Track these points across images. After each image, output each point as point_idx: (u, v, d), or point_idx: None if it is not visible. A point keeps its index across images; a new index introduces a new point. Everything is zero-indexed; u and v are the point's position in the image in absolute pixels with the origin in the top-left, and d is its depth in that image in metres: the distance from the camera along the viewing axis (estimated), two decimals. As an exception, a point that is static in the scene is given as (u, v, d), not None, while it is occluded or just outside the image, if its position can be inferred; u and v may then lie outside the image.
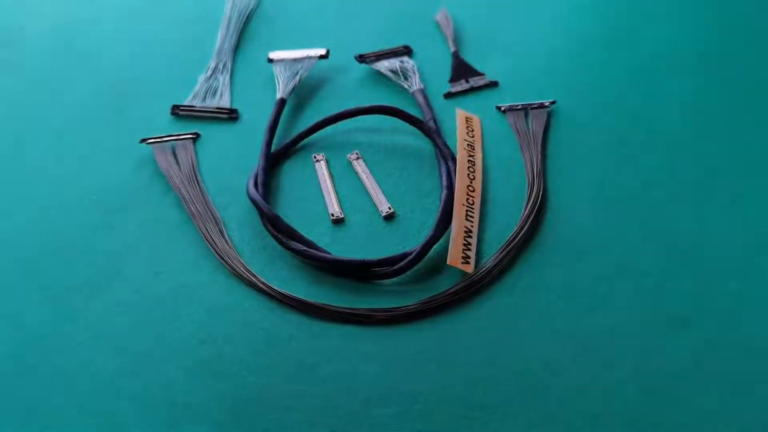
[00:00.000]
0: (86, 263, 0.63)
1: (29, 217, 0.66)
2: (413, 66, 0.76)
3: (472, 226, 0.63)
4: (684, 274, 0.60)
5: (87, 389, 0.56)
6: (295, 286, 0.61)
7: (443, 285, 0.61)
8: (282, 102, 0.73)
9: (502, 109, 0.73)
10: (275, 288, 0.60)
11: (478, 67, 0.77)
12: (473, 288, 0.60)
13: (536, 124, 0.71)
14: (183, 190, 0.67)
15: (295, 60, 0.76)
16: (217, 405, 0.55)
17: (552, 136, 0.71)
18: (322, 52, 0.77)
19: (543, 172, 0.68)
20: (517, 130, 0.71)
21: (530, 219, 0.64)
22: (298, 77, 0.75)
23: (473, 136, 0.70)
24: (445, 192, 0.65)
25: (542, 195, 0.66)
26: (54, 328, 0.59)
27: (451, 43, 0.79)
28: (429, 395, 0.55)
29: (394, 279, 0.62)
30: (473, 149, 0.69)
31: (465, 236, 0.62)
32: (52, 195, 0.67)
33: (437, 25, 0.81)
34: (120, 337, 0.58)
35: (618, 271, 0.61)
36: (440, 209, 0.63)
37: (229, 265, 0.62)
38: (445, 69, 0.77)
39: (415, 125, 0.70)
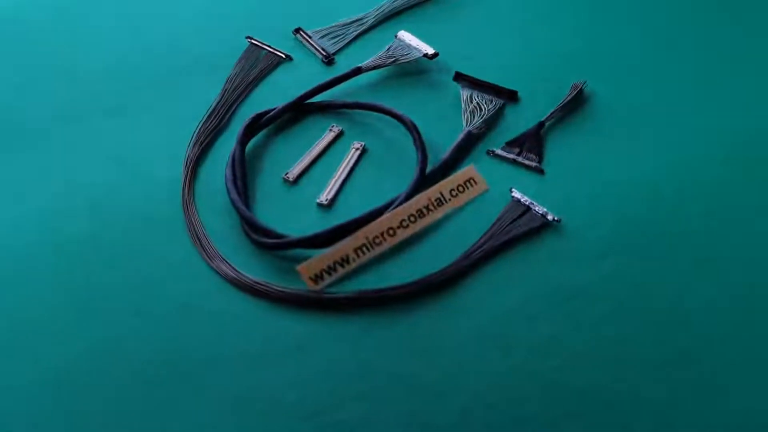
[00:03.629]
0: (119, 96, 0.76)
1: (126, 47, 0.81)
2: (490, 109, 0.73)
3: (354, 260, 0.62)
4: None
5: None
6: (207, 209, 0.67)
7: (301, 284, 0.62)
8: (357, 70, 0.76)
9: (512, 193, 0.67)
10: (194, 203, 0.67)
11: (551, 149, 0.70)
12: (299, 301, 0.61)
13: (522, 224, 0.65)
14: (228, 87, 0.76)
15: (409, 46, 0.78)
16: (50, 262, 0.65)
17: (526, 246, 0.64)
18: (431, 51, 0.77)
19: (474, 264, 0.62)
20: (501, 218, 0.65)
21: (410, 290, 0.61)
22: (393, 59, 0.77)
23: (455, 196, 0.66)
24: (365, 215, 0.64)
25: (447, 279, 0.62)
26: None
27: (550, 113, 0.73)
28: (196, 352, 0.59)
29: (283, 253, 0.64)
30: (440, 206, 0.65)
31: (338, 262, 0.62)
32: (153, 41, 0.81)
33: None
34: (71, 166, 0.71)
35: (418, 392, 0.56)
36: (338, 225, 0.63)
37: (186, 156, 0.70)
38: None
39: (417, 152, 0.69)
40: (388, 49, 0.78)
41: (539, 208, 0.65)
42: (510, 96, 0.75)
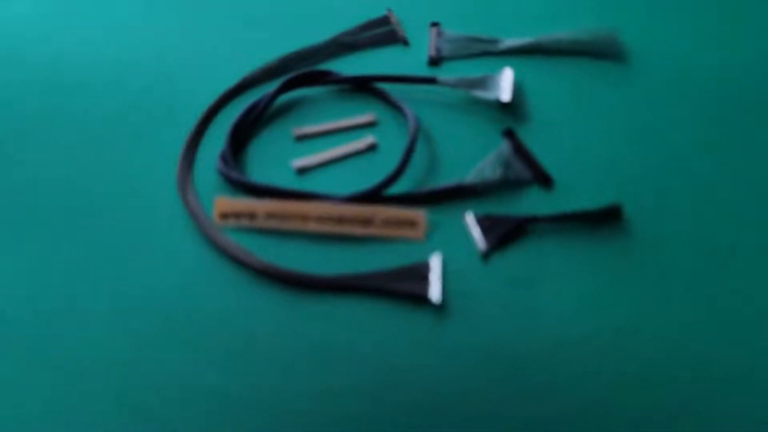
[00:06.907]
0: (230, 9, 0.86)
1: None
2: (507, 177, 0.68)
3: (260, 219, 0.66)
4: None
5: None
6: (217, 128, 0.74)
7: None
8: (431, 79, 0.75)
9: (430, 256, 0.63)
10: (212, 117, 0.75)
11: (526, 249, 0.64)
12: (195, 226, 0.67)
13: (408, 285, 0.62)
14: (332, 40, 0.81)
15: (495, 84, 0.75)
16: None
17: (399, 306, 0.61)
18: (506, 99, 0.73)
19: (330, 288, 0.62)
20: (399, 269, 0.63)
21: (267, 271, 0.63)
22: (469, 87, 0.74)
23: (385, 227, 0.65)
24: (300, 192, 0.67)
25: (307, 285, 0.63)
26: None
27: (548, 216, 0.65)
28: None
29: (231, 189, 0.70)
30: (362, 226, 0.65)
31: (246, 213, 0.66)
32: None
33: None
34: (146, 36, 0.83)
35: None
36: (273, 186, 0.67)
37: (242, 78, 0.78)
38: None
39: (398, 163, 0.69)
40: (481, 77, 0.75)
41: (434, 281, 0.61)
42: (543, 180, 0.68)
